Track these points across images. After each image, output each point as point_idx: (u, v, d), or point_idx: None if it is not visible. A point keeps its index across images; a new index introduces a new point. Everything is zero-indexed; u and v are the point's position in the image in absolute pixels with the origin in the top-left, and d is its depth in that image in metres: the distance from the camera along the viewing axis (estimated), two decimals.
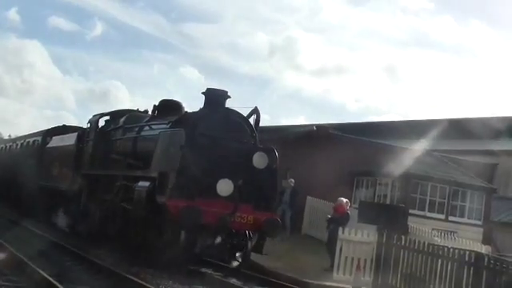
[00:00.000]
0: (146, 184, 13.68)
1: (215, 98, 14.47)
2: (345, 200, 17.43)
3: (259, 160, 13.94)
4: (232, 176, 13.43)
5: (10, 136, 45.59)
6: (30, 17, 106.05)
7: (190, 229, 13.02)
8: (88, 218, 17.98)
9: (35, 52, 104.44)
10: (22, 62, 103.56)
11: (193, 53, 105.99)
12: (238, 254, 13.85)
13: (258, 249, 14.22)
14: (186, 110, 15.96)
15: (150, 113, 17.29)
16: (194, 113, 14.69)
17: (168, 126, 14.57)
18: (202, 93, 14.65)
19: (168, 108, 16.17)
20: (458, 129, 31.86)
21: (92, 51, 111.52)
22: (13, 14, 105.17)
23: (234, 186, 13.33)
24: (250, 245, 13.91)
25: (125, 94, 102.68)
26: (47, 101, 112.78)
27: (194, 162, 13.48)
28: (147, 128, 15.99)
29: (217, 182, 13.24)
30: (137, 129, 16.53)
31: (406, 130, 28.72)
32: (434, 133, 28.15)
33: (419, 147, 26.70)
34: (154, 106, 16.67)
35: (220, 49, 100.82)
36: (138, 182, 14.17)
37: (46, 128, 27.33)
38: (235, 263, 13.77)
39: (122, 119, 17.85)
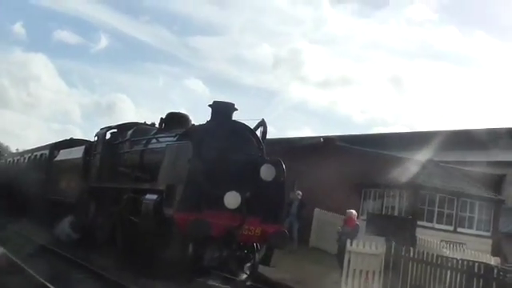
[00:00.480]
0: (154, 197, 13.67)
1: (222, 110, 14.46)
2: (354, 212, 17.36)
3: (266, 172, 13.90)
4: (239, 188, 13.40)
5: (17, 149, 45.82)
6: (35, 30, 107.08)
7: (198, 241, 13.00)
8: (96, 230, 18.03)
9: (41, 65, 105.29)
10: (28, 75, 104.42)
11: (198, 65, 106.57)
12: (245, 267, 13.82)
13: (265, 261, 14.28)
14: (192, 122, 16.02)
15: (157, 125, 17.33)
16: (201, 125, 14.71)
17: (175, 139, 14.57)
18: (209, 105, 14.65)
19: (175, 121, 16.21)
20: (465, 139, 31.79)
21: (97, 64, 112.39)
22: (18, 28, 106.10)
23: (242, 199, 13.30)
24: (257, 257, 13.87)
25: (130, 107, 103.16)
26: (53, 114, 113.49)
27: (201, 175, 13.46)
28: (154, 141, 16.00)
29: (224, 194, 13.21)
30: (144, 142, 16.56)
31: (413, 141, 28.61)
32: (441, 144, 28.09)
33: (426, 158, 26.63)
34: (161, 118, 16.67)
35: (225, 61, 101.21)
36: (146, 194, 14.17)
37: (54, 141, 27.48)
38: (243, 275, 13.71)
39: (129, 132, 17.90)
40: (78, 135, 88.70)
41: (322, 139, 26.89)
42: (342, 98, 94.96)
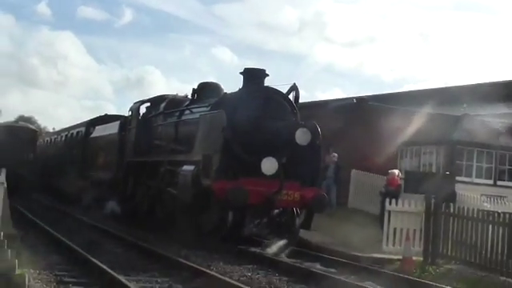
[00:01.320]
0: (191, 168, 13.73)
1: (254, 77, 14.43)
2: (396, 172, 17.22)
3: (302, 136, 13.90)
4: (275, 154, 13.46)
5: (54, 129, 46.45)
6: (60, 8, 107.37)
7: (237, 209, 13.10)
8: (135, 205, 18.22)
9: (69, 43, 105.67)
10: (57, 54, 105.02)
11: (224, 33, 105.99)
12: (286, 232, 13.86)
13: (306, 225, 14.23)
14: (224, 91, 15.98)
15: (189, 97, 17.33)
16: (233, 93, 14.70)
17: (208, 109, 14.59)
18: (240, 73, 14.64)
19: (207, 90, 16.20)
20: (501, 91, 31.15)
21: (123, 38, 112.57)
22: (42, 8, 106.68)
23: (279, 164, 13.31)
24: (297, 222, 13.93)
25: (160, 79, 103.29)
26: (85, 91, 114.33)
27: (236, 143, 13.54)
28: (188, 112, 16.05)
29: (261, 161, 13.28)
30: (177, 113, 16.63)
31: (446, 97, 28.17)
32: (475, 97, 27.62)
33: (461, 113, 26.24)
34: (193, 89, 16.68)
35: (250, 27, 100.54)
36: (182, 166, 14.24)
37: (88, 118, 27.78)
38: (284, 241, 13.76)
39: (163, 105, 17.97)
40: (111, 111, 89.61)
41: (354, 100, 26.65)
42: (369, 57, 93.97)
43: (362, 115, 24.63)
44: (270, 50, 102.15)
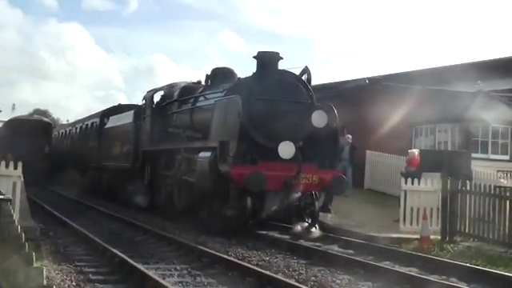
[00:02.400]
0: (208, 154, 13.69)
1: (267, 60, 14.29)
2: (416, 151, 17.13)
3: (318, 119, 13.85)
4: (292, 138, 13.41)
5: (68, 120, 46.68)
6: (66, 0, 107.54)
7: (256, 194, 13.04)
8: (153, 193, 18.23)
9: (77, 34, 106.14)
10: (66, 45, 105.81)
11: (232, 18, 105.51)
12: (306, 216, 13.86)
13: (325, 208, 14.31)
14: (238, 75, 15.90)
15: (203, 83, 17.26)
16: (248, 78, 14.59)
17: (223, 94, 14.50)
18: (254, 57, 14.51)
19: (221, 76, 16.11)
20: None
21: (130, 28, 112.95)
22: (49, 0, 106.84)
23: (296, 148, 13.27)
24: (317, 205, 13.87)
25: (169, 66, 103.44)
26: (96, 82, 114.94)
27: (253, 128, 13.49)
28: (202, 98, 15.97)
29: (278, 145, 13.24)
30: (192, 100, 16.55)
31: (460, 73, 27.95)
32: (489, 73, 27.35)
33: (476, 89, 26.03)
34: (207, 75, 16.60)
35: (257, 10, 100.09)
36: (199, 153, 14.22)
37: (102, 109, 27.86)
38: (304, 224, 13.75)
39: (176, 92, 17.90)
40: (123, 100, 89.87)
41: (366, 80, 26.48)
42: (379, 38, 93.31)
43: (375, 95, 24.49)
44: (279, 34, 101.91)
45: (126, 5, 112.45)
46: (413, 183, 14.62)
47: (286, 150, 13.26)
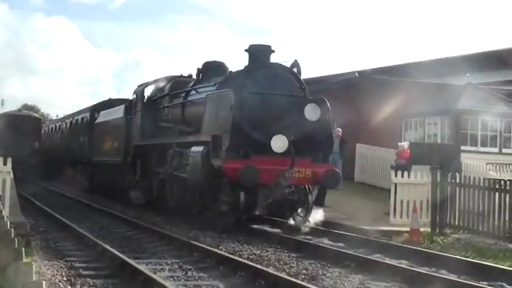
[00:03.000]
0: (200, 149, 13.57)
1: (259, 53, 14.18)
2: (406, 144, 17.17)
3: (311, 112, 13.76)
4: (285, 131, 13.32)
5: (57, 116, 46.47)
6: None
7: (249, 189, 12.95)
8: (144, 188, 18.14)
9: (64, 28, 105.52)
10: (53, 40, 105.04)
11: (221, 12, 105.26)
12: (299, 210, 13.76)
13: (319, 202, 14.16)
14: (229, 69, 15.64)
15: (194, 77, 17.10)
16: (239, 71, 14.45)
17: (215, 88, 14.36)
18: (246, 50, 14.39)
19: (212, 70, 15.94)
20: (502, 59, 30.97)
21: (118, 22, 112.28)
22: None
23: (289, 142, 13.20)
24: (310, 199, 13.81)
25: (159, 60, 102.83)
26: (84, 77, 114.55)
27: (245, 122, 13.39)
28: (194, 92, 15.83)
29: (270, 139, 13.17)
30: (183, 94, 16.40)
31: (449, 66, 28.02)
32: (478, 66, 27.47)
33: (465, 82, 26.12)
34: (198, 69, 16.42)
35: (245, 4, 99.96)
36: (191, 147, 14.11)
37: (92, 104, 27.75)
38: (298, 219, 13.65)
39: (167, 86, 17.73)
40: (112, 95, 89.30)
41: (356, 74, 26.52)
42: (369, 30, 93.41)
43: (364, 89, 24.53)
44: (267, 28, 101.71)
45: None
46: (403, 176, 14.66)
47: (279, 143, 13.18)
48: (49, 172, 32.26)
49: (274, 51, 14.30)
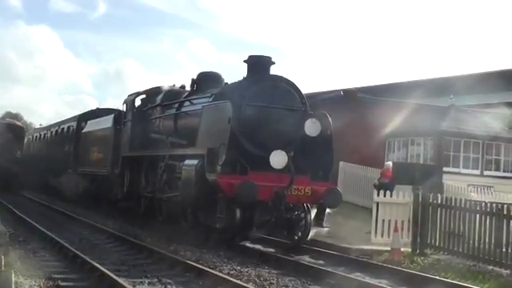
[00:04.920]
0: (194, 162, 12.92)
1: (259, 65, 13.53)
2: (391, 163, 17.19)
3: (311, 127, 13.14)
4: (284, 146, 12.71)
5: (41, 124, 46.05)
6: (32, 2, 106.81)
7: (245, 206, 12.27)
8: (133, 201, 17.55)
9: (45, 37, 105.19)
10: (34, 48, 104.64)
11: (205, 26, 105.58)
12: (297, 229, 13.17)
13: (318, 221, 13.44)
14: (225, 81, 15.34)
15: (187, 88, 16.59)
16: (238, 82, 13.85)
17: (211, 100, 13.77)
18: (245, 61, 13.78)
19: (207, 81, 15.37)
20: (484, 83, 31.28)
21: (99, 32, 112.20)
22: (14, 1, 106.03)
23: (288, 158, 12.57)
24: (309, 218, 13.13)
25: (140, 72, 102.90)
26: (65, 86, 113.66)
27: (243, 135, 12.76)
28: (188, 103, 15.25)
29: (269, 154, 12.53)
30: (176, 105, 15.81)
31: (434, 88, 28.26)
32: (461, 88, 27.69)
33: (448, 104, 26.34)
34: (193, 79, 15.83)
35: (229, 19, 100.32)
36: (185, 160, 13.52)
37: (73, 113, 27.46)
38: (294, 238, 13.21)
39: (159, 97, 17.15)
40: (93, 104, 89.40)
41: (341, 92, 26.62)
42: (356, 49, 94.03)
43: (349, 107, 24.62)
44: (250, 42, 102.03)
45: (94, 9, 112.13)
46: (385, 195, 14.68)
47: (278, 159, 12.51)
48: (31, 181, 31.94)
49: (274, 63, 13.70)
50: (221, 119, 12.50)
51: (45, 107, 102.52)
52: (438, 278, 10.44)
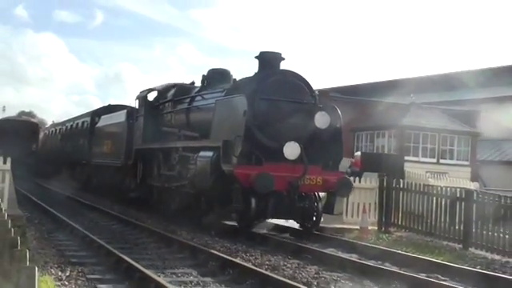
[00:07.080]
0: (209, 153, 12.13)
1: (270, 60, 12.81)
2: (360, 154, 17.25)
3: (321, 120, 12.38)
4: (296, 138, 12.04)
5: (53, 121, 45.55)
6: (37, 12, 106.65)
7: (261, 195, 11.57)
8: (145, 190, 16.79)
9: (52, 43, 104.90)
10: (42, 54, 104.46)
11: (196, 35, 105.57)
12: (308, 217, 12.56)
13: (329, 209, 12.62)
14: (233, 77, 14.47)
15: (196, 84, 15.85)
16: (250, 77, 13.12)
17: (223, 94, 13.04)
18: (256, 57, 13.04)
19: (217, 77, 14.59)
20: (445, 82, 31.56)
21: (99, 38, 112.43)
22: (20, 10, 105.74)
23: (301, 149, 11.95)
24: (320, 206, 12.48)
25: (137, 75, 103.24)
26: (70, 87, 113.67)
27: (257, 128, 12.03)
28: (199, 98, 14.46)
29: (282, 145, 11.84)
30: (188, 100, 15.03)
31: (399, 87, 28.41)
32: (422, 87, 27.88)
33: (409, 101, 26.52)
34: (203, 76, 15.03)
35: (217, 27, 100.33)
36: (199, 152, 12.69)
37: (80, 111, 27.04)
38: (307, 226, 12.63)
39: (171, 92, 16.35)
40: (97, 103, 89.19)
41: (317, 92, 26.59)
42: (326, 54, 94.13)
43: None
44: (234, 49, 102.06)
45: (93, 18, 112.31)
46: (354, 181, 14.70)
47: (292, 150, 11.85)
48: (46, 172, 31.59)
49: (284, 59, 12.97)
50: (235, 112, 11.73)
51: (54, 106, 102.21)
52: (400, 252, 10.50)
